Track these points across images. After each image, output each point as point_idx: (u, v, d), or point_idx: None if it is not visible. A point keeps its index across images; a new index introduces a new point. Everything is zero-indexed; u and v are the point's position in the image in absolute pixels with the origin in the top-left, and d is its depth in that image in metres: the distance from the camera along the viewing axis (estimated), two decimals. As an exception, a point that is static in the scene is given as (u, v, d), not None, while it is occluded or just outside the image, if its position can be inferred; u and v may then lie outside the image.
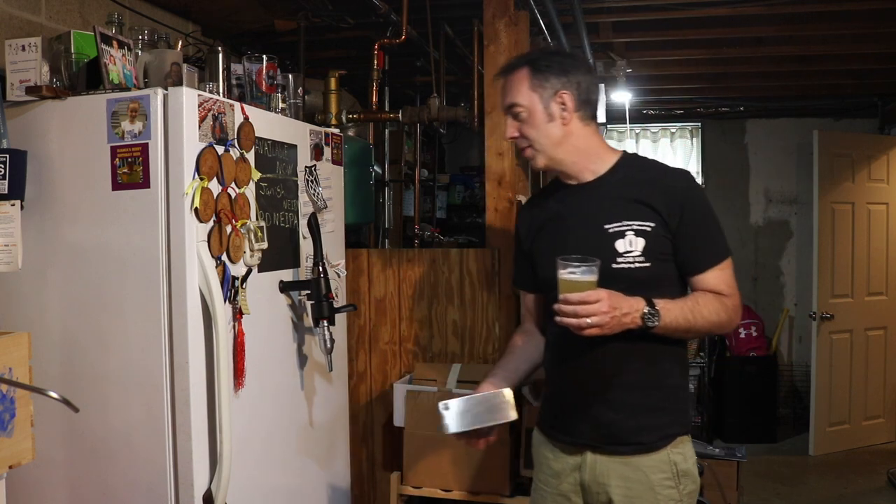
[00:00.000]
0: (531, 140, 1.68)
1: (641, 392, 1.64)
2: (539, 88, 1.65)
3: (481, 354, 2.85)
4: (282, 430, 2.23)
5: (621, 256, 1.60)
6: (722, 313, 1.61)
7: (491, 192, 2.83)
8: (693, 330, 1.60)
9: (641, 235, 1.60)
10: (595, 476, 1.65)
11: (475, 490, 2.55)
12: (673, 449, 1.64)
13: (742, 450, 3.05)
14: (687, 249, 1.62)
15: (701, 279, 1.63)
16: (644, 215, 1.61)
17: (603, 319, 1.46)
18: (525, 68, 1.67)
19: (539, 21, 3.22)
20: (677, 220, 1.60)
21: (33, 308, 1.92)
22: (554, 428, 1.75)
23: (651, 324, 1.52)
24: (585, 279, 1.47)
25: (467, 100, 3.74)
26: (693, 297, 1.62)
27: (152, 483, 1.84)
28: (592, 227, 1.64)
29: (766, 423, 5.08)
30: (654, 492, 1.62)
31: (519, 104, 1.67)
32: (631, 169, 1.70)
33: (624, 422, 1.63)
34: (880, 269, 4.92)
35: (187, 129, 1.80)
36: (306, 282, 2.25)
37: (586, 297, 1.45)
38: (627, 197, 1.64)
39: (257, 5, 3.21)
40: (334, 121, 3.02)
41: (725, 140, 5.77)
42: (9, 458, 1.40)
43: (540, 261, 1.75)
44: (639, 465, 1.63)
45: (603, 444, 1.65)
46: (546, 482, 1.76)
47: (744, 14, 3.35)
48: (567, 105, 1.66)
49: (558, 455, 1.73)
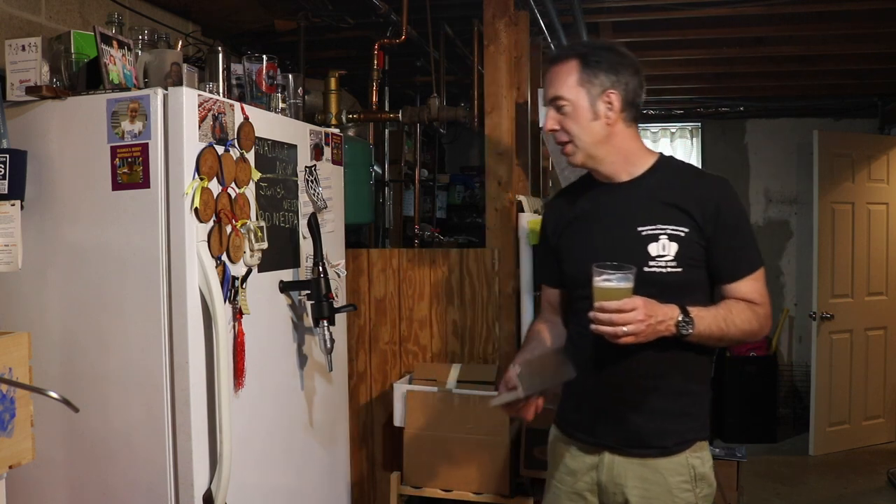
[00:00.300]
0: (572, 136, 1.63)
1: (668, 397, 1.62)
2: (587, 84, 1.60)
3: (481, 354, 2.85)
4: (282, 430, 2.23)
5: (653, 260, 1.57)
6: (754, 322, 1.59)
7: (491, 192, 2.82)
8: (725, 338, 1.58)
9: (675, 240, 1.57)
10: (612, 476, 1.64)
11: (475, 490, 2.55)
12: (692, 453, 1.63)
13: (742, 450, 3.05)
14: (721, 257, 1.60)
15: (734, 287, 1.61)
16: (679, 220, 1.59)
17: (639, 328, 1.44)
18: (574, 60, 1.61)
19: (539, 21, 3.22)
20: (712, 228, 1.58)
21: (33, 308, 1.92)
22: (573, 426, 1.73)
23: (685, 332, 1.50)
24: (621, 286, 1.45)
25: (467, 100, 3.74)
26: (726, 306, 1.59)
27: (152, 483, 1.84)
28: (626, 228, 1.61)
29: (766, 423, 5.07)
30: (672, 494, 1.61)
31: (564, 98, 1.61)
32: (667, 172, 1.68)
33: (648, 425, 1.62)
34: (880, 269, 4.92)
35: (187, 129, 1.80)
36: (306, 282, 2.25)
37: (623, 305, 1.43)
38: (663, 200, 1.61)
39: (257, 5, 3.21)
40: (334, 121, 3.02)
41: (725, 140, 5.77)
42: (9, 458, 1.40)
43: (567, 258, 1.72)
44: (657, 468, 1.61)
45: (624, 447, 1.63)
46: (561, 480, 1.74)
47: (744, 14, 3.35)
48: (614, 105, 1.61)
49: (575, 454, 1.71)
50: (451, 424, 2.56)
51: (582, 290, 1.59)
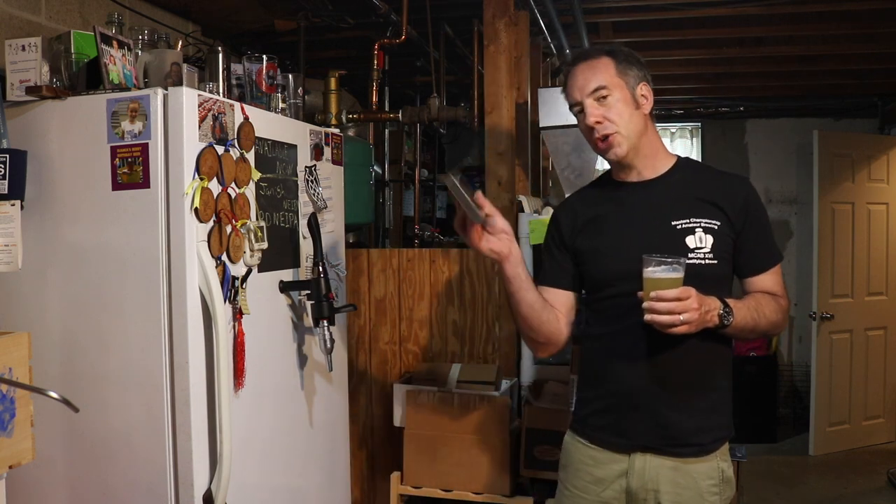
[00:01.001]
0: (618, 125, 1.62)
1: (704, 393, 1.63)
2: (624, 76, 1.63)
3: (481, 354, 2.85)
4: (282, 430, 2.23)
5: (692, 252, 1.58)
6: (779, 314, 1.63)
7: (491, 192, 2.83)
8: (757, 329, 1.60)
9: (710, 233, 1.60)
10: (644, 482, 1.62)
11: (475, 490, 2.55)
12: (721, 457, 1.64)
13: (742, 450, 3.04)
14: (749, 251, 1.64)
15: (758, 280, 1.65)
16: (711, 213, 1.61)
17: (693, 316, 1.45)
18: (606, 56, 1.65)
19: (539, 21, 3.22)
20: (742, 221, 1.62)
21: (33, 308, 1.92)
22: (601, 429, 1.68)
23: (727, 322, 1.52)
24: (673, 276, 1.46)
25: (467, 100, 3.75)
26: (755, 298, 1.63)
27: (152, 483, 1.83)
28: (659, 222, 1.62)
29: (766, 423, 5.08)
30: (703, 499, 1.61)
31: (607, 86, 1.62)
32: (691, 170, 1.72)
33: (685, 422, 1.61)
34: (880, 269, 4.92)
35: (187, 129, 1.80)
36: (306, 282, 2.25)
37: (681, 293, 1.44)
38: (694, 195, 1.64)
39: (257, 5, 3.21)
40: (334, 121, 3.02)
41: (725, 140, 5.77)
42: (9, 458, 1.40)
43: (593, 258, 1.70)
44: (689, 471, 1.61)
45: (661, 446, 1.61)
46: (585, 489, 1.69)
47: (744, 14, 3.35)
48: (648, 97, 1.66)
49: (600, 461, 1.67)
50: (451, 424, 2.56)
51: (612, 289, 1.59)
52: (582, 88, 1.64)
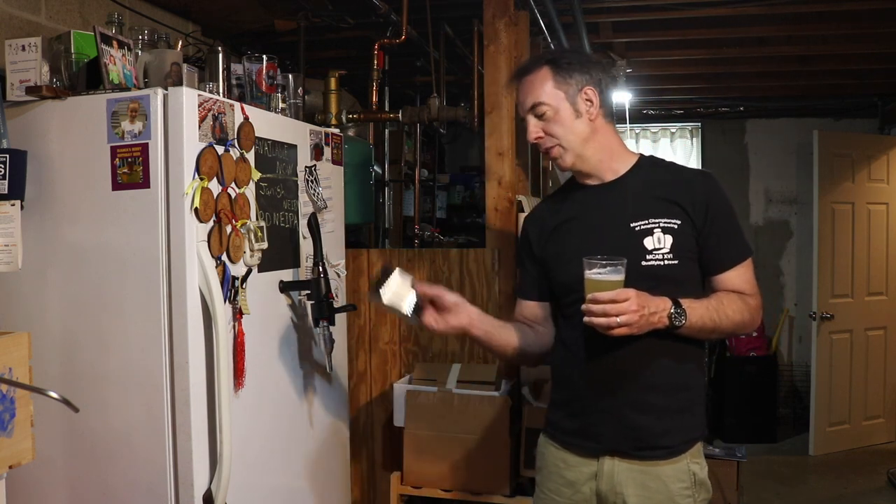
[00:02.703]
0: (559, 138, 1.64)
1: (669, 394, 1.62)
2: (564, 86, 1.62)
3: (481, 354, 2.85)
4: (282, 430, 2.23)
5: (650, 254, 1.58)
6: (745, 313, 1.60)
7: (491, 192, 2.83)
8: (718, 330, 1.59)
9: (669, 233, 1.59)
10: (613, 485, 1.62)
11: (475, 490, 2.55)
12: (692, 458, 1.63)
13: (742, 450, 3.05)
14: (712, 248, 1.61)
15: (724, 278, 1.63)
16: (671, 213, 1.60)
17: (632, 318, 1.44)
18: (545, 67, 1.64)
19: (539, 21, 3.22)
20: (702, 219, 1.60)
21: (33, 308, 1.92)
22: (570, 433, 1.69)
23: (678, 323, 1.51)
24: (612, 279, 1.46)
25: (467, 100, 3.74)
26: (717, 297, 1.60)
27: (152, 483, 1.84)
28: (618, 225, 1.62)
29: (766, 423, 5.08)
30: (674, 502, 1.60)
31: (544, 103, 1.62)
32: (652, 168, 1.70)
33: (653, 425, 1.60)
34: (880, 269, 4.92)
35: (187, 129, 1.80)
36: (306, 282, 2.25)
37: (616, 295, 1.43)
38: (653, 195, 1.63)
39: (257, 5, 3.21)
40: (334, 121, 3.02)
41: (725, 140, 5.77)
42: (9, 458, 1.40)
43: (558, 264, 1.71)
44: (658, 475, 1.60)
45: (629, 449, 1.61)
46: (558, 492, 1.71)
47: (744, 14, 3.35)
48: (593, 101, 1.64)
49: (572, 463, 1.68)
50: (451, 424, 2.56)
51: (576, 294, 1.58)
52: (522, 105, 1.67)
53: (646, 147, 5.89)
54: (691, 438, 1.64)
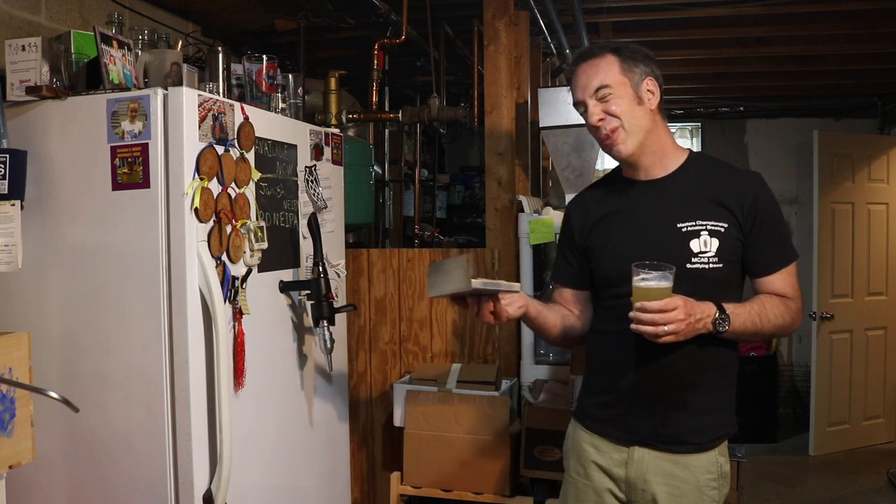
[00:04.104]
0: (623, 121, 1.60)
1: (707, 394, 1.63)
2: (629, 73, 1.61)
3: (481, 354, 2.85)
4: (282, 430, 2.23)
5: (696, 257, 1.57)
6: (787, 317, 1.60)
7: (491, 192, 2.83)
8: (759, 334, 1.59)
9: (715, 236, 1.57)
10: (642, 473, 1.63)
11: (475, 490, 2.55)
12: (720, 451, 1.65)
13: (742, 450, 3.04)
14: (758, 251, 1.61)
15: (768, 281, 1.62)
16: (718, 215, 1.59)
17: (679, 327, 1.45)
18: (610, 54, 1.63)
19: (539, 21, 3.22)
20: (751, 222, 1.59)
21: (33, 308, 1.92)
22: (603, 422, 1.69)
23: (722, 328, 1.51)
24: (661, 286, 1.46)
25: (467, 100, 3.75)
26: (759, 301, 1.60)
27: (152, 483, 1.84)
28: (665, 225, 1.61)
29: (766, 423, 5.07)
30: (701, 492, 1.61)
31: (610, 85, 1.60)
32: (702, 167, 1.68)
33: (686, 422, 1.61)
34: (880, 269, 4.92)
35: (187, 129, 1.80)
36: (306, 282, 2.25)
37: (664, 305, 1.44)
38: (701, 196, 1.61)
39: (257, 5, 3.21)
40: (334, 121, 3.02)
41: (725, 140, 5.77)
42: (9, 458, 1.40)
43: (601, 257, 1.70)
44: (688, 465, 1.61)
45: (659, 443, 1.62)
46: (587, 475, 1.71)
47: (744, 14, 3.35)
48: (654, 92, 1.63)
49: (603, 449, 1.69)
50: (451, 424, 2.56)
51: (617, 289, 1.59)
52: (585, 88, 1.63)
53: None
54: (721, 435, 1.65)
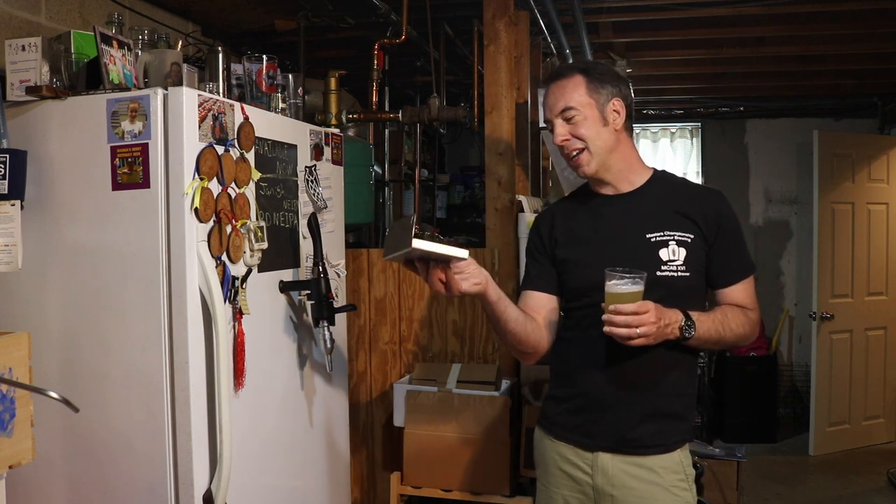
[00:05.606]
0: (587, 142, 1.68)
1: (667, 399, 1.68)
2: (595, 94, 1.68)
3: (481, 354, 2.85)
4: (282, 429, 2.23)
5: (665, 265, 1.64)
6: (747, 326, 1.68)
7: (491, 192, 2.83)
8: (721, 342, 1.66)
9: (683, 246, 1.65)
10: (608, 478, 1.66)
11: (475, 490, 2.55)
12: (682, 452, 1.69)
13: (742, 450, 3.05)
14: (721, 263, 1.68)
15: (728, 292, 1.69)
16: (685, 226, 1.66)
17: (650, 330, 1.49)
18: (579, 75, 1.69)
19: (539, 21, 3.22)
20: (714, 235, 1.66)
21: (33, 308, 1.92)
22: (568, 429, 1.73)
23: (688, 335, 1.57)
24: (633, 290, 1.50)
25: (467, 100, 3.75)
26: (721, 311, 1.67)
27: (152, 483, 1.84)
28: (634, 236, 1.67)
29: (766, 423, 5.08)
30: (670, 493, 1.64)
31: (575, 107, 1.67)
32: (666, 183, 1.76)
33: (648, 427, 1.65)
34: (880, 269, 4.92)
35: (187, 129, 1.80)
36: (306, 282, 2.25)
37: (638, 308, 1.48)
38: (668, 208, 1.69)
39: (257, 5, 3.21)
40: (334, 121, 3.02)
41: (725, 140, 5.77)
42: (9, 458, 1.40)
43: (572, 269, 1.75)
44: (653, 467, 1.65)
45: (624, 447, 1.66)
46: (558, 484, 1.75)
47: (744, 14, 3.35)
48: (620, 113, 1.70)
49: (569, 456, 1.72)
50: (451, 424, 2.56)
51: (588, 298, 1.64)
52: (552, 108, 1.71)
53: (646, 147, 5.89)
54: (682, 440, 1.70)
